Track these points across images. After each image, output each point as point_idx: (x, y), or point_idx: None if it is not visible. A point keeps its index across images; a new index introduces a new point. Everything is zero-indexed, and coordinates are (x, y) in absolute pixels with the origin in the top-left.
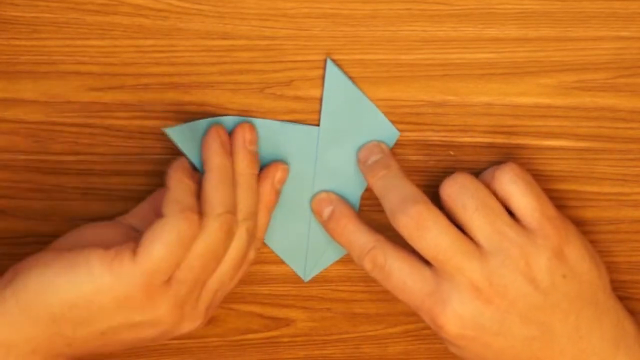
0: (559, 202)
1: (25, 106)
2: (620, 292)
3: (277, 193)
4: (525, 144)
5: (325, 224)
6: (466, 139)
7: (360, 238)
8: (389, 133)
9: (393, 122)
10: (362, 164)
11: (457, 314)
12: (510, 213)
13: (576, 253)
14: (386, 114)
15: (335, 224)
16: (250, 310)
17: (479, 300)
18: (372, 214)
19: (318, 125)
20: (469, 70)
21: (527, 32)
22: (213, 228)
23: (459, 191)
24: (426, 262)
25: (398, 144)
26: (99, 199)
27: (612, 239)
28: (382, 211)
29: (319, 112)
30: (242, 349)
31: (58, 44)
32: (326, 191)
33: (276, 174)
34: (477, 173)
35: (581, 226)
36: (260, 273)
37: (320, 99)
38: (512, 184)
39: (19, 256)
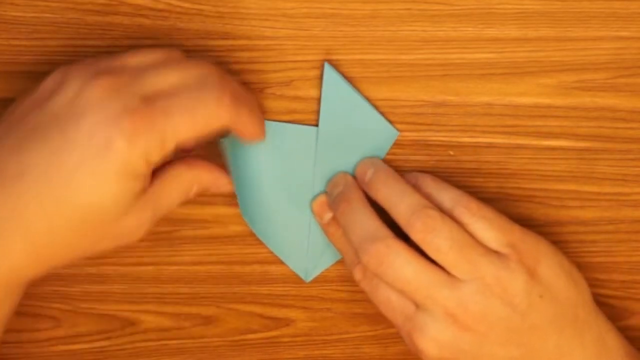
0: (559, 202)
1: None
2: (620, 292)
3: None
4: (525, 144)
5: (325, 227)
6: (466, 139)
7: None
8: (388, 133)
9: (393, 122)
10: (328, 196)
11: (435, 340)
12: None
13: (550, 272)
14: (386, 114)
15: (335, 230)
16: (250, 310)
17: (455, 327)
18: None
19: (317, 125)
20: (469, 70)
21: (527, 32)
22: None
23: (431, 234)
24: None
25: (398, 144)
26: None
27: (612, 239)
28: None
29: (319, 112)
30: (242, 349)
31: (58, 44)
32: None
33: None
34: (477, 173)
35: (581, 226)
36: (260, 273)
37: (320, 100)
38: (473, 225)
39: None
